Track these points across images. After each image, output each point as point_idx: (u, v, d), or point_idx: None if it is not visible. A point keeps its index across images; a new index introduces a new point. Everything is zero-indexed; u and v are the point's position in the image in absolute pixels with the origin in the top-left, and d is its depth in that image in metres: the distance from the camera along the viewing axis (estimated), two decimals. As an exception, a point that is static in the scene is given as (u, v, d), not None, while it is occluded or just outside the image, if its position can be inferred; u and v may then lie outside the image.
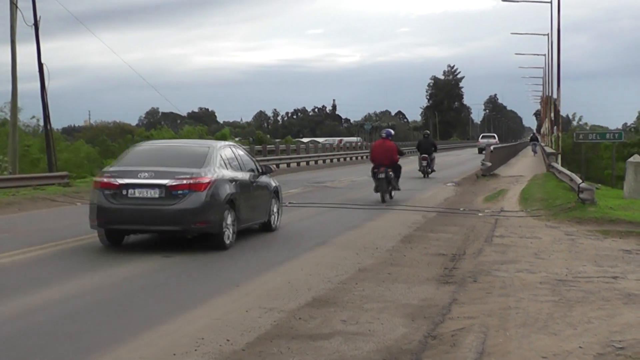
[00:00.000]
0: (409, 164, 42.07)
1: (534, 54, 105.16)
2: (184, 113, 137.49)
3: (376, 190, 24.72)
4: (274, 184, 17.44)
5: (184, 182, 13.80)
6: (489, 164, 38.89)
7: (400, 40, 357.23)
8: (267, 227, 16.93)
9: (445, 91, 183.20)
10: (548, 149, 52.39)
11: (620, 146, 48.76)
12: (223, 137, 67.90)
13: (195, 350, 7.65)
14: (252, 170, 16.31)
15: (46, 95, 33.07)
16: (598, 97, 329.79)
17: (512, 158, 67.57)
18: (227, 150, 15.75)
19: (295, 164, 50.13)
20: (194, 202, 13.74)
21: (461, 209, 22.48)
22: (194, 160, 14.50)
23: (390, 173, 24.71)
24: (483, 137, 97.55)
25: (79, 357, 7.42)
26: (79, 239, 15.33)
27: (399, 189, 25.67)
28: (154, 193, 13.78)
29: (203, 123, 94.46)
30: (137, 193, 13.84)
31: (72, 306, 9.60)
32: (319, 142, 74.44)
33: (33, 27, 32.72)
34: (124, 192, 13.85)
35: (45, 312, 9.25)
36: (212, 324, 8.67)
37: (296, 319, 8.95)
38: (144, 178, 13.84)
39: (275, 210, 17.23)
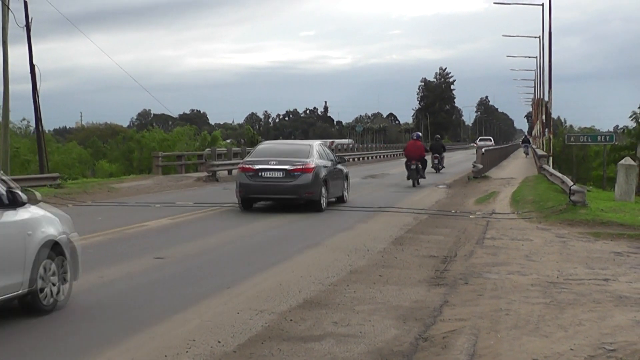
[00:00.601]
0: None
1: (526, 57, 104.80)
2: (175, 115, 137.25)
3: (408, 177, 33.57)
4: (345, 170, 24.84)
5: (298, 167, 21.69)
6: (481, 166, 38.94)
7: (393, 42, 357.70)
8: (340, 200, 24.23)
9: (437, 93, 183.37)
10: (539, 151, 52.47)
11: (610, 148, 48.85)
12: (214, 139, 67.87)
13: (186, 351, 7.63)
14: (332, 160, 23.66)
15: (38, 96, 33.00)
16: (589, 99, 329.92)
17: (504, 160, 67.68)
18: (320, 147, 23.64)
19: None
20: (305, 180, 21.60)
21: (453, 211, 22.50)
22: (302, 153, 22.41)
23: (420, 165, 33.40)
24: (480, 139, 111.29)
25: (70, 359, 7.41)
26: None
27: (424, 177, 34.62)
28: (279, 174, 21.68)
29: (194, 125, 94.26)
30: (268, 174, 21.69)
31: (63, 308, 9.57)
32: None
33: (25, 28, 32.65)
34: (259, 174, 21.68)
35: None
36: (203, 326, 8.65)
37: (287, 321, 8.94)
38: (272, 165, 21.74)
39: (346, 187, 24.69)
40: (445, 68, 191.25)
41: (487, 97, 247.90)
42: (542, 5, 60.06)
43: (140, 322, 8.83)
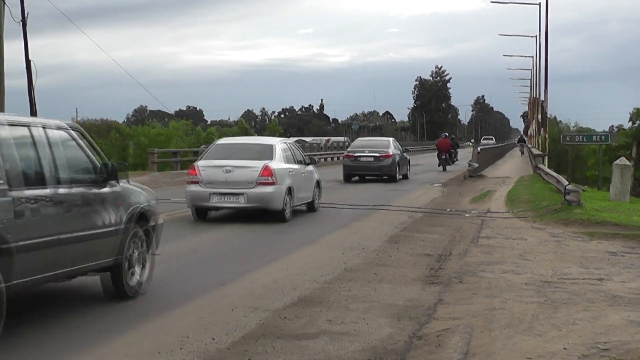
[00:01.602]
0: (430, 158, 58.85)
1: (522, 56, 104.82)
2: (171, 111, 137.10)
3: (439, 165, 47.40)
4: (408, 158, 38.81)
5: (383, 154, 34.57)
6: (476, 165, 38.97)
7: (390, 40, 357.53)
8: (405, 177, 37.07)
9: (433, 92, 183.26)
10: (535, 151, 52.53)
11: (606, 148, 48.91)
12: (209, 136, 67.73)
13: (180, 348, 7.63)
14: (400, 150, 37.04)
15: (33, 92, 32.91)
16: (586, 99, 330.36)
17: (499, 159, 67.69)
18: (395, 142, 37.40)
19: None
20: (387, 163, 34.52)
21: (448, 210, 22.52)
22: (384, 145, 35.72)
23: (448, 155, 47.73)
24: (484, 139, 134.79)
25: (64, 355, 7.41)
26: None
27: (450, 164, 48.22)
28: (371, 159, 34.53)
29: (190, 120, 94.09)
30: (363, 159, 34.64)
31: (57, 305, 9.56)
32: (306, 142, 74.10)
33: (21, 23, 32.56)
34: (358, 159, 34.73)
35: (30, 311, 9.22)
36: (198, 323, 8.65)
37: (281, 319, 8.95)
38: (366, 153, 34.77)
39: (409, 168, 38.00)
40: (442, 67, 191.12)
41: (483, 96, 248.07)
42: (539, 4, 59.93)
43: (133, 319, 8.83)
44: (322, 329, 8.55)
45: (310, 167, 21.43)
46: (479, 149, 45.40)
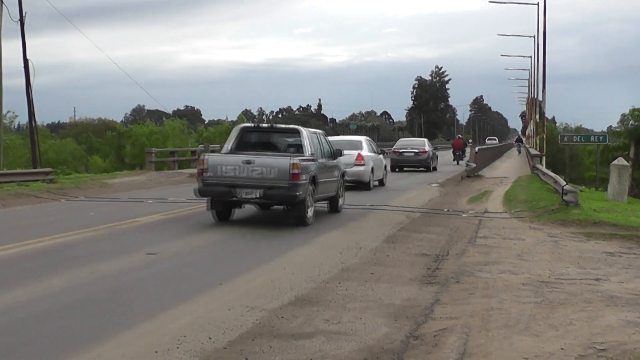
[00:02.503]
0: (443, 156, 64.13)
1: (520, 56, 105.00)
2: (169, 110, 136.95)
3: (454, 159, 59.12)
4: (436, 154, 51.19)
5: (421, 150, 46.43)
6: (474, 165, 38.98)
7: (388, 40, 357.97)
8: (427, 170, 46.47)
9: (431, 92, 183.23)
10: (533, 151, 52.54)
11: (603, 148, 48.93)
12: (208, 137, 67.74)
13: (177, 347, 7.62)
14: (431, 149, 47.58)
15: (31, 91, 32.95)
16: (584, 99, 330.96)
17: (497, 159, 67.74)
18: (428, 141, 50.14)
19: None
20: (424, 157, 46.18)
21: (445, 210, 22.51)
22: (421, 144, 47.82)
23: (460, 152, 59.71)
24: (489, 139, 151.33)
25: (60, 355, 7.39)
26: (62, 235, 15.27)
27: (462, 160, 56.34)
28: (412, 154, 46.22)
29: (188, 121, 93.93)
30: (406, 154, 46.31)
31: (54, 303, 9.55)
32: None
33: (19, 22, 32.58)
34: (402, 154, 46.49)
35: (30, 308, 9.20)
36: (194, 322, 8.64)
37: (278, 318, 8.94)
38: (408, 149, 46.60)
39: (437, 161, 49.80)
40: (441, 67, 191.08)
41: (481, 96, 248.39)
42: (538, 4, 60.05)
43: (131, 318, 8.81)
44: (319, 328, 8.54)
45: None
46: (476, 149, 45.44)
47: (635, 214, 21.22)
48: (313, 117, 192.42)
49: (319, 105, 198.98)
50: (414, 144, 47.90)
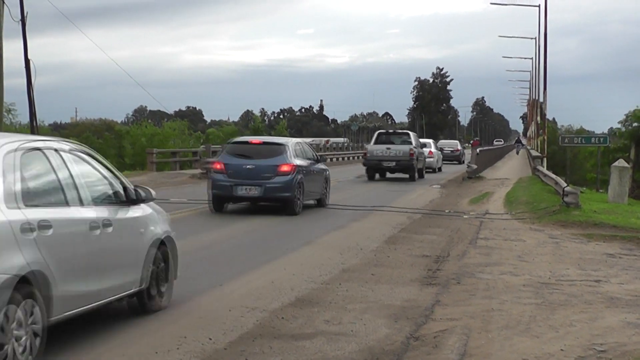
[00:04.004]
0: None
1: (522, 58, 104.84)
2: (170, 111, 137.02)
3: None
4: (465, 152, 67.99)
5: (456, 148, 66.72)
6: (475, 166, 38.98)
7: (390, 41, 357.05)
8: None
9: (433, 93, 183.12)
10: (534, 152, 52.53)
11: (604, 150, 48.90)
12: (209, 137, 67.95)
13: (177, 348, 7.63)
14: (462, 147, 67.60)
15: (33, 91, 32.91)
16: (586, 100, 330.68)
17: (498, 161, 67.72)
18: (459, 142, 75.94)
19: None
20: (457, 154, 64.78)
21: (446, 211, 22.52)
22: (455, 145, 69.11)
23: (479, 150, 50.80)
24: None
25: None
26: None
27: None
28: (449, 152, 62.77)
29: (190, 121, 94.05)
30: (445, 152, 58.80)
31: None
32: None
33: (20, 22, 32.56)
34: (442, 151, 54.08)
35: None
36: (195, 323, 8.65)
37: (279, 319, 8.94)
38: (446, 148, 63.21)
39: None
40: (443, 68, 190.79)
41: (483, 97, 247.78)
42: (539, 6, 60.00)
43: (130, 319, 8.82)
44: (319, 329, 8.54)
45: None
46: (477, 150, 45.45)
47: (635, 215, 21.23)
48: (314, 118, 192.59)
49: (321, 106, 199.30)
50: (450, 144, 66.48)
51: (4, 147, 6.95)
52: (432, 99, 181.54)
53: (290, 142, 21.68)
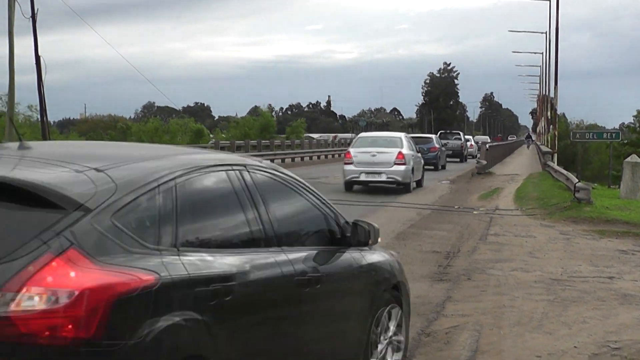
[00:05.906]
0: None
1: (532, 52, 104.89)
2: (179, 107, 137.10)
3: None
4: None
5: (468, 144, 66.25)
6: (484, 162, 38.88)
7: (399, 37, 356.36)
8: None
9: (441, 89, 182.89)
10: (544, 148, 52.40)
11: (617, 145, 48.75)
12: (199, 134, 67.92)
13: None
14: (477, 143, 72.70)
15: (43, 87, 32.93)
16: (598, 96, 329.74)
17: (508, 156, 67.56)
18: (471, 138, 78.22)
19: (290, 159, 50.06)
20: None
21: (456, 207, 22.42)
22: (486, 140, 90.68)
23: (488, 146, 54.30)
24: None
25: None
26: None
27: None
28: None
29: (198, 117, 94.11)
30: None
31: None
32: (314, 138, 73.98)
33: (30, 19, 32.57)
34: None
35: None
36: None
37: (288, 315, 8.85)
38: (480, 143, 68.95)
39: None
40: (450, 63, 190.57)
41: (492, 93, 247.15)
42: (550, 0, 59.72)
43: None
44: (329, 325, 8.45)
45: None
46: (487, 146, 45.34)
47: (647, 211, 21.07)
48: (322, 113, 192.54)
49: (329, 102, 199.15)
50: (484, 139, 76.92)
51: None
52: (440, 93, 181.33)
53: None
